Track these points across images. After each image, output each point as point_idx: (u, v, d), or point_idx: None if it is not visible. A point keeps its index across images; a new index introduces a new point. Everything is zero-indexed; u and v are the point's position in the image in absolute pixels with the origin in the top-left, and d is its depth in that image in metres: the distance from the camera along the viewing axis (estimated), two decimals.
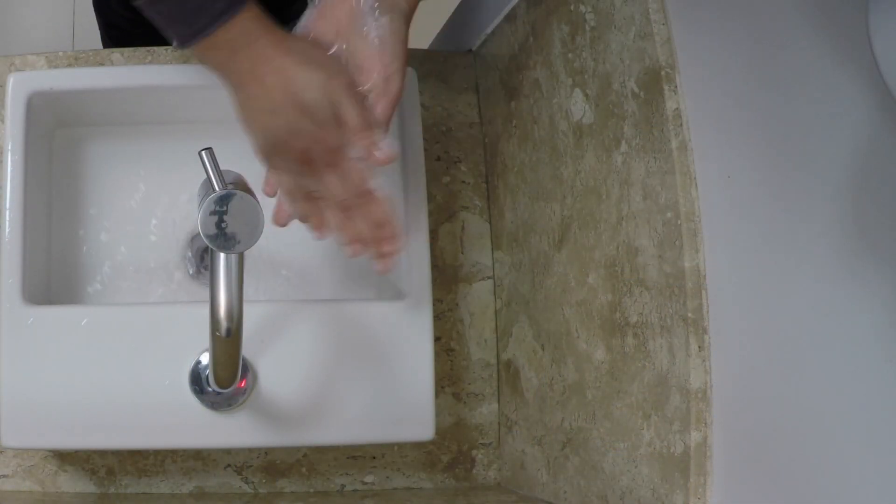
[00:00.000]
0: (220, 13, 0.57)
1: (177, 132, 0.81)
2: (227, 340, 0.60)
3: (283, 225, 0.67)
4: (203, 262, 0.81)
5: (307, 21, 0.63)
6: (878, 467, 0.42)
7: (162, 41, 1.24)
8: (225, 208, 0.57)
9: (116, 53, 0.83)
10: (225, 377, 0.64)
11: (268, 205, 0.63)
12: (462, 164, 0.87)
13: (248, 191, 0.59)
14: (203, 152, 0.59)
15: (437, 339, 0.80)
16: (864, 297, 0.42)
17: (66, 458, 0.79)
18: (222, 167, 0.59)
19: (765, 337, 0.49)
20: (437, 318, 0.83)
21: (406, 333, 0.73)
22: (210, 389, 0.70)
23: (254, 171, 0.65)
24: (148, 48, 0.84)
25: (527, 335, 0.77)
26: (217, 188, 0.58)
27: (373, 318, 0.73)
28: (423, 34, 0.96)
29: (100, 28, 1.22)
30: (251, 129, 0.61)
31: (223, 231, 0.58)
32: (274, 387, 0.71)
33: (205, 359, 0.70)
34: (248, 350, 0.68)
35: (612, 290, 0.61)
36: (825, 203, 0.45)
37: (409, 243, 0.75)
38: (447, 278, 0.85)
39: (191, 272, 0.81)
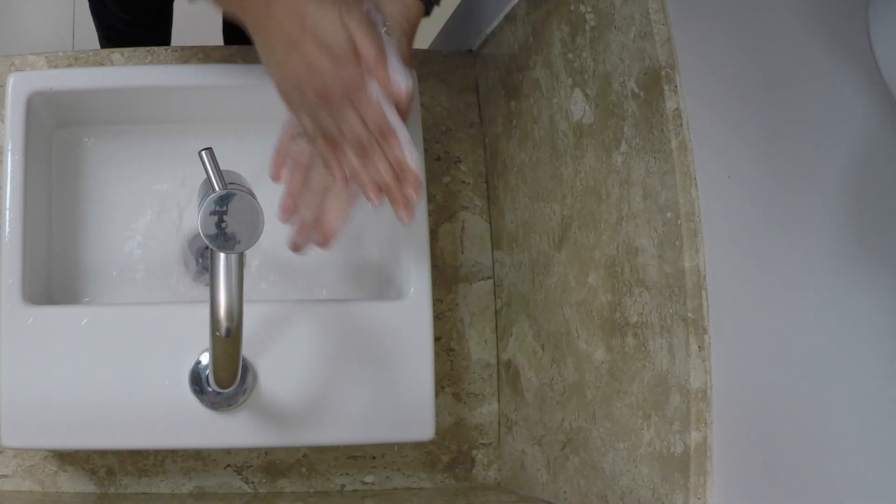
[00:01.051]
0: None
1: (177, 132, 0.81)
2: (227, 340, 0.60)
3: (288, 219, 0.65)
4: (203, 262, 0.81)
5: None
6: (878, 467, 0.42)
7: (159, 42, 1.24)
8: (225, 208, 0.57)
9: (116, 53, 0.83)
10: (225, 377, 0.64)
11: (268, 205, 0.63)
12: (462, 164, 0.87)
13: (248, 191, 0.59)
14: (203, 152, 0.59)
15: (437, 339, 0.80)
16: (865, 296, 0.42)
17: (66, 458, 0.79)
18: (222, 167, 0.59)
19: (765, 337, 0.49)
20: (437, 318, 0.83)
21: (406, 333, 0.73)
22: (210, 389, 0.70)
23: (254, 172, 0.65)
24: (148, 48, 0.84)
25: (527, 335, 0.77)
26: (217, 188, 0.58)
27: (373, 318, 0.73)
28: (424, 34, 0.96)
29: (97, 30, 1.22)
30: (271, 70, 0.61)
31: (223, 231, 0.58)
32: (274, 387, 0.71)
33: (205, 359, 0.70)
34: (248, 350, 0.68)
35: (612, 290, 0.61)
36: (825, 203, 0.45)
37: (409, 243, 0.75)
38: (447, 278, 0.85)
39: (190, 272, 0.81)
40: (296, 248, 0.66)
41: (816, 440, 0.46)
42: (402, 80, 0.60)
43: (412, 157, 0.61)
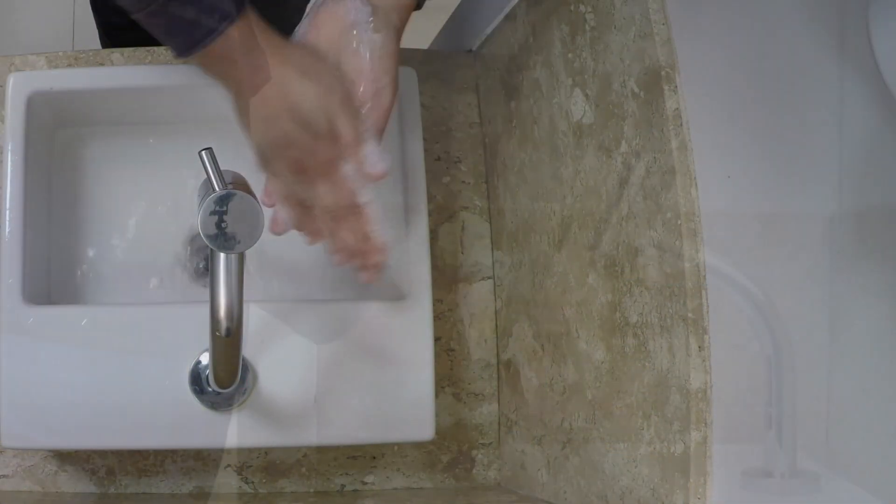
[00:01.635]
0: (215, 26, 0.58)
1: (177, 132, 0.81)
2: (227, 340, 0.60)
3: (280, 233, 0.67)
4: (203, 262, 0.81)
5: (299, 34, 0.64)
6: (878, 467, 0.42)
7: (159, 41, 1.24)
8: (225, 208, 0.57)
9: (116, 53, 0.83)
10: (225, 377, 0.64)
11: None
12: (462, 164, 0.87)
13: (248, 191, 0.59)
14: (203, 152, 0.59)
15: (437, 339, 0.80)
16: (864, 296, 0.42)
17: (66, 458, 0.79)
18: (222, 167, 0.59)
19: (765, 337, 0.49)
20: (437, 318, 0.83)
21: (406, 333, 0.73)
22: (210, 389, 0.70)
23: (254, 172, 0.65)
24: (148, 48, 0.84)
25: (527, 335, 0.77)
26: (217, 188, 0.58)
27: (373, 318, 0.73)
28: (423, 34, 0.96)
29: (98, 28, 1.22)
30: (249, 136, 0.62)
31: (223, 231, 0.58)
32: (274, 387, 0.71)
33: (205, 359, 0.70)
34: (248, 350, 0.68)
35: (612, 290, 0.61)
36: (825, 203, 0.45)
37: (408, 243, 0.75)
38: (447, 278, 0.85)
39: (190, 272, 0.81)
40: (275, 229, 0.66)
41: (816, 440, 0.46)
42: (378, 162, 0.62)
43: (379, 231, 0.64)
